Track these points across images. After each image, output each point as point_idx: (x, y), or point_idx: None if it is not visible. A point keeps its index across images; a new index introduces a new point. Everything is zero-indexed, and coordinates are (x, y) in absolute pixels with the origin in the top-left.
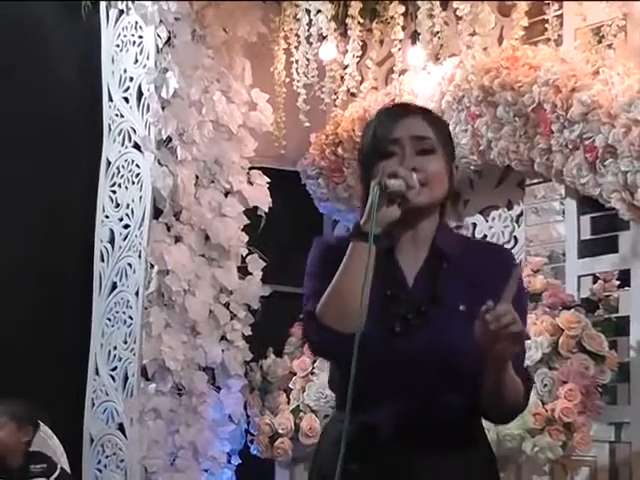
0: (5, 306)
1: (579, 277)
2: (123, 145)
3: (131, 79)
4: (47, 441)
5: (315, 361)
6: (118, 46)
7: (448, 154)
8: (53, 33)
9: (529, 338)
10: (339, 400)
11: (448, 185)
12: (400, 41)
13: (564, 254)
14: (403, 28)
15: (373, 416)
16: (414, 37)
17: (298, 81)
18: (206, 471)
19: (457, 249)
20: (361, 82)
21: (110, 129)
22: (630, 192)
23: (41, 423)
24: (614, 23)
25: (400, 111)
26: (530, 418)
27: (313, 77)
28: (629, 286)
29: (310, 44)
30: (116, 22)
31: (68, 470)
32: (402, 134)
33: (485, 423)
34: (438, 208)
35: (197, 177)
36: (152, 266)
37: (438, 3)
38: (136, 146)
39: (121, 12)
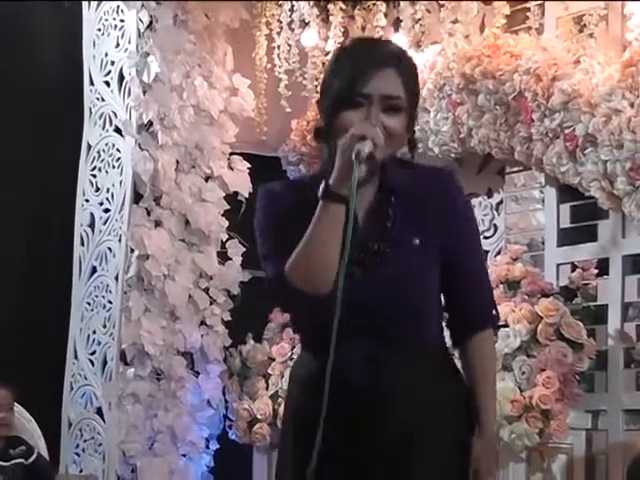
0: None
1: (558, 265)
2: (104, 129)
3: (112, 63)
4: (25, 425)
5: (294, 347)
6: (100, 30)
7: (413, 108)
8: (34, 17)
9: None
10: (304, 340)
11: (405, 138)
12: (382, 28)
13: (543, 242)
14: (385, 15)
15: (340, 356)
16: (396, 24)
17: (280, 67)
18: (184, 456)
19: (404, 181)
20: None
21: (91, 113)
22: (610, 181)
23: (17, 406)
24: (595, 12)
25: (375, 61)
26: (508, 405)
27: (295, 63)
28: (607, 275)
29: (292, 30)
30: (98, 6)
31: (45, 453)
32: (372, 91)
33: None
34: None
35: (178, 162)
36: (132, 250)
37: None
38: (117, 130)
39: None
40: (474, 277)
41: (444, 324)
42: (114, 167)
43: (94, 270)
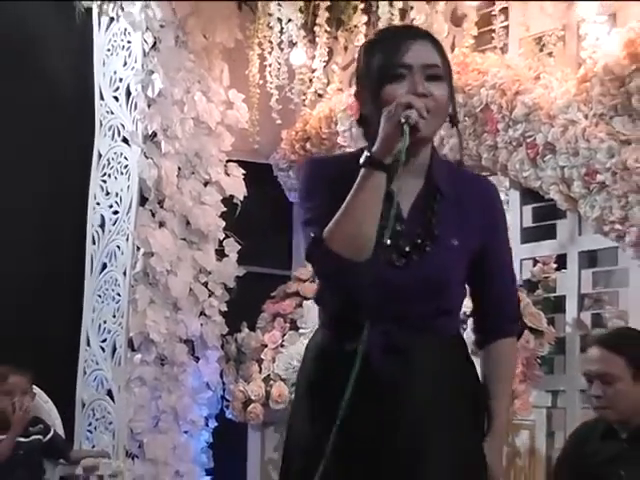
0: (8, 284)
1: (521, 260)
2: (113, 139)
3: (120, 80)
4: (43, 406)
5: (284, 334)
6: (109, 50)
7: (450, 78)
8: (50, 38)
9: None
10: (324, 318)
11: (447, 111)
12: None
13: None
14: (365, 36)
15: (371, 336)
16: None
17: (271, 83)
18: (186, 433)
19: (448, 181)
20: (327, 84)
21: (101, 125)
22: (567, 185)
23: (36, 389)
24: (554, 33)
25: (409, 35)
26: None
27: (284, 79)
28: (565, 269)
29: (282, 50)
30: (107, 28)
31: (61, 431)
32: (413, 60)
33: None
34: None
35: (179, 168)
36: (138, 248)
37: (397, 13)
38: (124, 140)
39: (111, 19)
40: (504, 282)
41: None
42: (122, 173)
43: (104, 266)
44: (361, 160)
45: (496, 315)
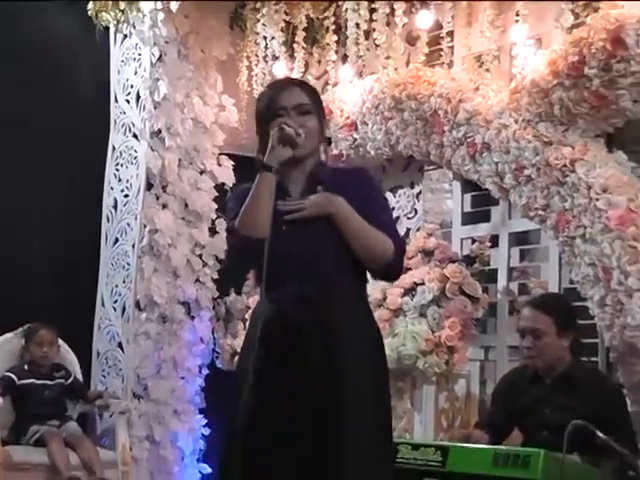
0: (38, 255)
1: (462, 240)
2: (125, 135)
3: (132, 86)
4: (66, 355)
5: None
6: (122, 61)
7: (320, 113)
8: (75, 51)
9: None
10: (258, 284)
11: (320, 135)
12: (333, 62)
13: (451, 222)
14: (336, 52)
15: (280, 295)
16: (344, 59)
17: (257, 90)
18: (183, 378)
19: (329, 176)
20: None
21: (115, 123)
22: (500, 177)
23: (60, 341)
24: (491, 53)
25: (283, 84)
26: (423, 342)
27: None
28: (497, 247)
29: (266, 62)
30: (121, 43)
31: (80, 376)
32: (286, 102)
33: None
34: (317, 152)
35: (180, 160)
36: (145, 226)
37: (362, 34)
38: (134, 136)
39: (125, 36)
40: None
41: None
42: (132, 163)
43: (116, 240)
44: (257, 166)
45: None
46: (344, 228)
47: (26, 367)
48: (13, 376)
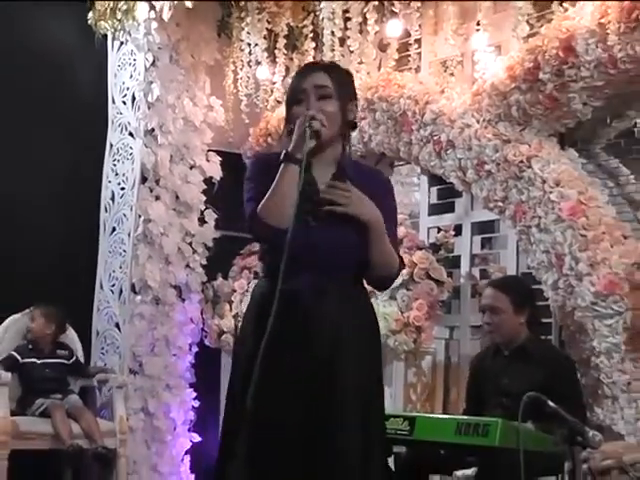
0: (43, 244)
1: (428, 229)
2: (121, 133)
3: (128, 88)
4: (67, 334)
5: (249, 282)
6: (119, 66)
7: (343, 98)
8: (76, 56)
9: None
10: (265, 271)
11: (343, 120)
12: None
13: (419, 213)
14: (314, 57)
15: (292, 283)
16: None
17: (241, 92)
18: (174, 355)
19: (353, 170)
20: (284, 93)
21: (113, 122)
22: (463, 172)
23: (68, 326)
24: (455, 59)
25: (307, 68)
26: (393, 323)
27: (252, 89)
28: (461, 235)
29: (250, 67)
30: (118, 49)
31: (81, 353)
32: (307, 85)
33: None
34: (341, 138)
35: (171, 156)
36: (139, 216)
37: (337, 41)
38: (130, 134)
39: (122, 43)
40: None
41: None
42: (128, 159)
43: (114, 229)
44: (281, 157)
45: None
46: (373, 237)
47: (30, 346)
48: (16, 355)
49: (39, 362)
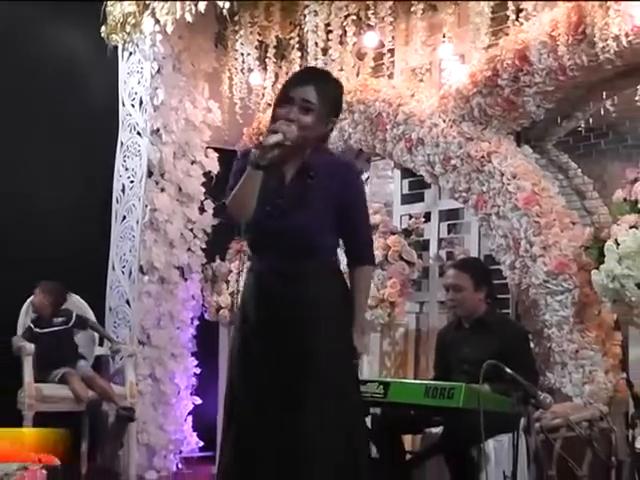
0: (61, 232)
1: (401, 216)
2: (131, 133)
3: (136, 93)
4: (76, 304)
5: (244, 264)
6: (128, 73)
7: (325, 112)
8: (90, 65)
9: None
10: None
11: (319, 131)
12: None
13: (393, 202)
14: (300, 65)
15: (263, 265)
16: None
17: (236, 96)
18: (178, 328)
19: (322, 164)
20: (274, 97)
21: (123, 123)
22: (431, 166)
23: (71, 294)
24: (424, 66)
25: (300, 79)
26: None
27: (245, 94)
28: (430, 221)
29: (243, 74)
30: (128, 59)
31: (89, 315)
32: (295, 95)
33: None
34: (314, 143)
35: (174, 152)
36: (147, 206)
37: (320, 51)
38: (138, 133)
39: (130, 53)
40: (359, 227)
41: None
42: (136, 156)
43: (124, 218)
44: (249, 158)
45: (354, 250)
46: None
47: (35, 319)
48: (32, 325)
49: (41, 331)
